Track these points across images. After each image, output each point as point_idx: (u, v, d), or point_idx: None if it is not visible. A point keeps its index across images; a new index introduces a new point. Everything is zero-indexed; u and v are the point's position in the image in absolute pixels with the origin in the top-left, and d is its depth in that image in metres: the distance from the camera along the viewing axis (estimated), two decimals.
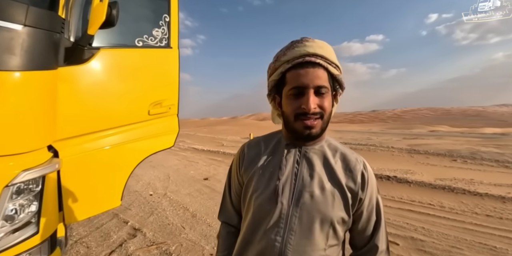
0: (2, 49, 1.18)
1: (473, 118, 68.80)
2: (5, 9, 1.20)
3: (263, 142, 0.94)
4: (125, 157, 1.81)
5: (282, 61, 0.79)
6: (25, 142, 1.28)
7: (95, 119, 1.65)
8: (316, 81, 0.74)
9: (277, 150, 0.88)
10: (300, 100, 0.75)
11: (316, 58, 0.75)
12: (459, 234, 3.12)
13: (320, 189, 0.78)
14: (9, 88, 1.21)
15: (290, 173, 0.81)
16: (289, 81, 0.77)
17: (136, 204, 4.12)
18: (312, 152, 0.84)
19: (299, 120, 0.76)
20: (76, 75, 1.57)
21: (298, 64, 0.76)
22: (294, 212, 0.76)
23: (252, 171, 0.87)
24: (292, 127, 0.79)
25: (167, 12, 2.05)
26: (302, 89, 0.75)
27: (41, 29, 1.32)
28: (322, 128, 0.78)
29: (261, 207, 0.80)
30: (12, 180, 1.21)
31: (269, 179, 0.82)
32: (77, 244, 2.82)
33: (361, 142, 11.77)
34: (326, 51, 0.78)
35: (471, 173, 5.98)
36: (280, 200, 0.78)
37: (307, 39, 0.80)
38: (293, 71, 0.76)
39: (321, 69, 0.76)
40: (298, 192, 0.78)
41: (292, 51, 0.77)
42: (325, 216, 0.76)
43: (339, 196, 0.78)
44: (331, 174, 0.81)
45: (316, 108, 0.74)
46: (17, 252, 1.25)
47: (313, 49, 0.76)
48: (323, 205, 0.76)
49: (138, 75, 1.87)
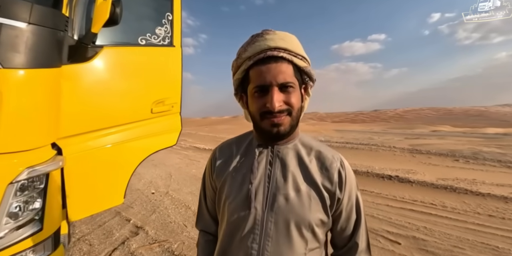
0: (7, 47, 1.19)
1: (475, 118, 68.55)
2: (10, 7, 1.20)
3: (235, 144, 0.89)
4: (128, 155, 1.82)
5: (243, 58, 0.74)
6: (29, 139, 1.29)
7: (98, 117, 1.66)
8: (279, 77, 0.69)
9: (249, 152, 0.83)
10: (264, 98, 0.70)
11: (278, 51, 0.70)
12: (461, 234, 3.12)
13: (295, 191, 0.73)
14: (13, 86, 1.22)
15: (262, 175, 0.76)
16: (253, 79, 0.72)
17: (138, 202, 4.15)
18: (285, 151, 0.79)
19: (266, 118, 0.71)
20: (80, 73, 1.57)
21: (260, 60, 0.70)
22: (269, 217, 0.72)
23: (224, 176, 0.82)
24: (260, 127, 0.74)
25: (170, 11, 2.05)
26: (266, 87, 0.70)
27: (45, 27, 1.32)
28: (291, 125, 0.74)
29: (235, 214, 0.75)
30: (16, 177, 1.21)
31: (241, 183, 0.77)
32: (80, 242, 2.84)
33: (362, 142, 11.76)
34: (290, 42, 0.73)
35: (473, 173, 5.96)
36: (254, 205, 0.73)
37: (268, 31, 0.74)
38: (256, 68, 0.71)
39: (285, 63, 0.71)
40: (272, 195, 0.73)
41: (252, 47, 0.72)
42: (302, 220, 0.71)
43: (316, 197, 0.73)
44: (306, 174, 0.76)
45: (282, 106, 0.70)
46: (21, 249, 1.26)
47: (274, 42, 0.70)
48: (299, 208, 0.71)
49: (141, 73, 1.88)
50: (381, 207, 4.02)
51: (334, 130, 24.49)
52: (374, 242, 2.97)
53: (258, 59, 0.70)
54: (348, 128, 31.55)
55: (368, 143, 11.36)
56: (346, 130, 24.57)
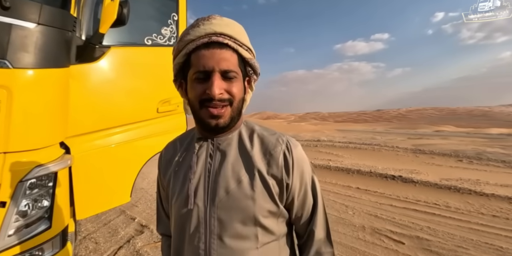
0: (16, 47, 1.21)
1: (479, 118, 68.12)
2: (19, 8, 1.22)
3: (179, 141, 0.84)
4: (134, 154, 1.84)
5: (185, 41, 0.68)
6: (38, 138, 1.31)
7: (105, 117, 1.68)
8: (222, 64, 0.64)
9: (190, 147, 0.78)
10: (204, 85, 0.65)
11: (224, 38, 0.65)
12: (465, 234, 3.11)
13: (236, 182, 0.68)
14: (23, 86, 1.24)
15: (202, 170, 0.72)
16: (194, 64, 0.66)
17: (142, 201, 4.17)
18: (226, 142, 0.74)
19: (205, 107, 0.66)
20: (87, 73, 1.59)
21: (203, 44, 0.65)
22: (212, 213, 0.67)
23: (168, 174, 0.78)
24: (199, 116, 0.69)
25: (175, 11, 2.07)
26: (207, 73, 0.64)
27: (54, 27, 1.34)
28: (231, 117, 0.68)
29: (179, 213, 0.71)
30: (25, 175, 1.24)
31: (183, 180, 0.73)
32: (85, 240, 2.87)
33: (365, 142, 11.72)
34: (236, 31, 0.68)
35: (477, 174, 5.93)
36: (195, 202, 0.68)
37: (215, 16, 0.69)
38: (198, 52, 0.65)
39: (230, 51, 0.66)
40: (212, 190, 0.69)
41: (196, 30, 0.66)
42: (246, 212, 0.66)
43: (261, 186, 0.68)
44: (248, 163, 0.70)
45: (223, 94, 0.65)
46: (30, 246, 1.28)
47: (220, 28, 0.66)
48: (242, 200, 0.66)
49: (147, 73, 1.90)
50: (384, 207, 4.01)
51: (337, 130, 24.45)
52: (378, 242, 2.97)
53: (202, 43, 0.65)
54: (351, 128, 31.49)
55: (371, 143, 11.31)
56: (348, 130, 24.52)
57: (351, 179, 5.49)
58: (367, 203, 4.16)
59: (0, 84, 1.17)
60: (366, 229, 3.27)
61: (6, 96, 1.18)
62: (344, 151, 9.03)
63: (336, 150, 9.23)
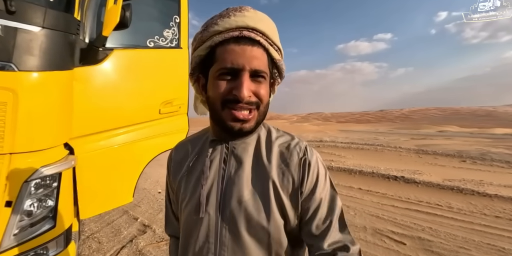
0: (22, 50, 1.24)
1: (483, 118, 67.58)
2: (25, 12, 1.25)
3: (190, 143, 0.78)
4: (137, 154, 1.87)
5: (212, 32, 0.60)
6: (43, 139, 1.33)
7: (108, 118, 1.71)
8: (254, 62, 0.57)
9: (203, 150, 0.72)
10: (231, 84, 0.58)
11: (256, 34, 0.59)
12: (467, 235, 3.11)
13: (250, 192, 0.62)
14: (28, 88, 1.26)
15: (216, 175, 0.66)
16: (219, 59, 0.59)
17: (145, 202, 4.20)
18: (242, 146, 0.67)
19: (228, 108, 0.59)
20: (91, 75, 1.62)
21: (232, 38, 0.58)
22: (223, 224, 0.62)
23: (179, 178, 0.73)
24: (219, 118, 0.62)
25: (177, 13, 2.10)
26: (236, 71, 0.58)
27: (58, 31, 1.37)
28: (257, 121, 0.63)
29: (189, 219, 0.66)
30: (30, 175, 1.26)
31: (195, 185, 0.67)
32: (89, 239, 2.90)
33: (368, 142, 11.69)
34: (270, 28, 0.62)
35: (481, 174, 5.90)
36: (206, 210, 0.63)
37: (248, 8, 0.62)
38: (226, 47, 0.59)
39: (261, 49, 0.60)
40: (224, 198, 0.63)
41: (226, 21, 0.59)
42: (259, 226, 0.60)
43: (275, 198, 0.62)
44: (264, 172, 0.64)
45: (251, 97, 0.59)
46: (34, 245, 1.30)
47: (253, 22, 0.59)
48: (255, 212, 0.61)
49: (150, 75, 1.92)
50: (386, 207, 4.01)
51: (339, 130, 24.39)
52: (379, 242, 2.97)
53: (231, 36, 0.58)
54: (354, 128, 31.38)
55: (374, 143, 11.29)
56: (351, 130, 24.45)
57: (353, 179, 5.49)
58: (369, 204, 4.16)
59: (6, 86, 1.19)
60: (368, 229, 3.28)
61: (12, 98, 1.20)
62: (346, 152, 9.03)
63: (338, 151, 9.23)
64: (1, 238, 1.20)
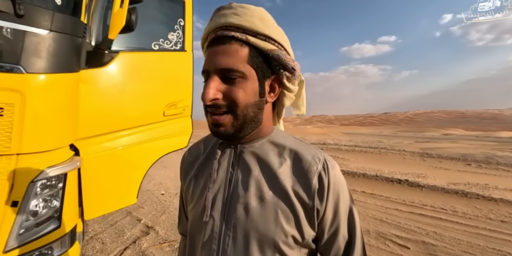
0: (30, 53, 1.26)
1: (489, 121, 66.90)
2: (33, 16, 1.27)
3: (203, 144, 0.76)
4: (141, 156, 1.89)
5: (203, 39, 0.61)
6: (49, 140, 1.35)
7: (113, 120, 1.73)
8: (220, 61, 0.54)
9: (213, 152, 0.70)
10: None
11: (230, 30, 0.55)
12: (472, 240, 3.07)
13: (258, 200, 0.58)
14: (36, 90, 1.28)
15: (223, 179, 0.63)
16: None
17: (148, 203, 4.21)
18: (249, 151, 0.64)
19: (207, 113, 0.58)
20: (97, 78, 1.64)
21: (212, 40, 0.58)
22: (227, 231, 0.58)
23: (189, 179, 0.72)
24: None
25: (181, 17, 2.12)
26: (208, 75, 0.56)
27: (65, 34, 1.39)
28: (234, 126, 0.57)
29: (194, 223, 0.65)
30: (36, 176, 1.28)
31: (202, 187, 0.65)
32: (92, 240, 2.92)
33: (371, 145, 11.63)
34: (248, 18, 0.56)
35: (486, 178, 5.83)
36: (211, 214, 0.60)
37: (229, 5, 0.59)
38: (208, 50, 0.59)
39: (236, 44, 0.55)
40: (230, 203, 0.60)
41: (209, 24, 0.59)
42: (265, 237, 0.56)
43: (286, 209, 0.57)
44: (275, 180, 0.59)
45: (218, 100, 0.55)
46: (40, 245, 1.32)
47: (225, 19, 0.56)
48: (262, 222, 0.57)
49: (155, 77, 1.95)
50: (390, 211, 3.98)
51: (343, 133, 24.31)
52: (383, 246, 2.95)
53: (210, 39, 0.58)
54: (357, 131, 31.25)
55: (377, 146, 11.23)
56: (355, 133, 24.35)
57: (356, 182, 5.46)
58: (372, 207, 4.13)
59: (14, 88, 1.22)
60: (371, 233, 3.25)
61: (20, 99, 1.22)
62: (350, 155, 8.99)
63: (342, 154, 9.19)
64: (7, 237, 1.22)
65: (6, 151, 1.21)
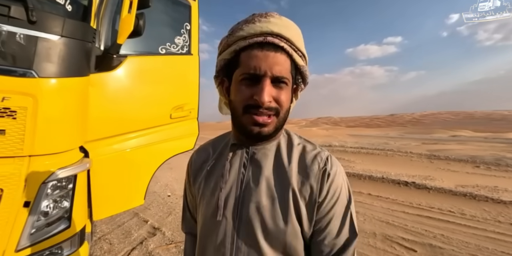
0: (42, 58, 1.30)
1: (499, 122, 65.77)
2: (45, 22, 1.31)
3: (211, 146, 0.80)
4: (148, 158, 1.92)
5: (237, 37, 0.62)
6: (60, 143, 1.39)
7: (122, 122, 1.76)
8: (276, 68, 0.58)
9: (223, 153, 0.74)
10: (253, 89, 0.59)
11: (280, 40, 0.60)
12: (480, 243, 3.03)
13: (269, 199, 0.63)
14: (47, 94, 1.32)
15: (235, 180, 0.67)
16: (243, 64, 0.61)
17: (155, 204, 4.26)
18: (262, 152, 0.68)
19: (248, 113, 0.61)
20: (106, 81, 1.68)
21: (257, 43, 0.60)
22: (240, 229, 0.62)
23: (199, 180, 0.74)
24: (240, 122, 0.63)
25: (188, 21, 2.16)
26: (258, 76, 0.59)
27: (76, 39, 1.43)
28: (276, 127, 0.64)
29: (206, 223, 0.68)
30: (48, 177, 1.31)
31: (213, 188, 0.69)
32: (100, 241, 2.97)
33: (378, 147, 11.54)
34: (294, 33, 0.63)
35: (495, 180, 5.74)
36: (224, 213, 0.64)
37: (273, 14, 0.64)
38: (250, 52, 0.60)
39: (284, 55, 0.61)
40: (242, 203, 0.64)
41: (251, 26, 0.61)
42: (276, 232, 0.60)
43: (293, 206, 0.62)
44: (284, 178, 0.64)
45: (271, 102, 0.60)
46: (50, 244, 1.35)
47: (278, 28, 0.60)
48: (273, 219, 0.61)
49: (162, 80, 1.98)
50: (396, 213, 3.95)
51: (349, 134, 24.15)
52: (389, 249, 2.93)
53: (255, 42, 0.60)
54: (363, 132, 31.01)
55: (384, 148, 11.13)
56: (360, 135, 24.18)
57: (362, 185, 5.43)
58: (378, 210, 4.10)
59: (27, 92, 1.25)
60: (377, 235, 3.23)
61: (32, 103, 1.26)
62: (355, 157, 8.94)
63: (347, 156, 9.14)
64: (19, 237, 1.25)
65: (19, 153, 1.24)
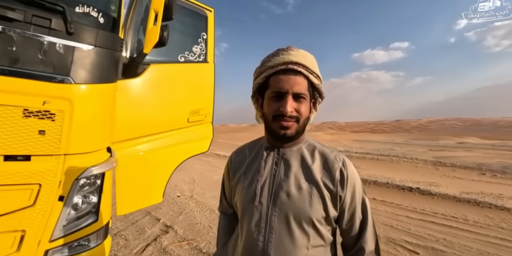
0: (78, 66, 1.44)
1: (507, 129, 64.72)
2: (81, 33, 1.45)
3: (248, 148, 1.02)
4: (167, 158, 2.06)
5: (267, 66, 0.85)
6: (92, 143, 1.52)
7: (144, 125, 1.90)
8: (295, 87, 0.80)
9: (258, 154, 0.94)
10: (279, 103, 0.80)
11: (298, 66, 0.81)
12: (482, 247, 3.09)
13: (297, 189, 0.82)
14: (82, 98, 1.45)
15: (268, 174, 0.87)
16: (272, 85, 0.83)
17: (165, 204, 4.40)
18: (290, 153, 0.89)
19: (277, 120, 0.82)
20: (130, 87, 1.82)
21: (281, 70, 0.82)
22: (273, 212, 0.81)
23: (238, 175, 0.95)
24: (270, 127, 0.85)
25: (205, 31, 2.30)
26: (282, 94, 0.80)
27: (107, 48, 1.57)
28: (297, 130, 0.83)
29: (244, 209, 0.87)
30: (80, 174, 1.44)
31: (250, 182, 0.89)
32: (116, 237, 3.11)
33: (383, 153, 11.53)
34: (309, 61, 0.84)
35: (501, 188, 5.74)
36: (260, 200, 0.84)
37: (292, 48, 0.86)
38: (276, 76, 0.82)
39: (302, 77, 0.82)
40: (275, 192, 0.83)
41: (277, 58, 0.84)
42: (303, 215, 0.79)
43: (317, 195, 0.81)
44: (308, 174, 0.84)
45: (293, 112, 0.80)
46: (79, 236, 1.47)
47: (296, 58, 0.82)
48: (300, 204, 0.80)
49: (180, 86, 2.13)
50: (400, 218, 4.02)
51: (354, 140, 24.08)
52: (392, 251, 3.01)
53: (280, 69, 0.82)
54: (368, 138, 30.83)
55: (389, 154, 11.12)
56: (366, 140, 24.06)
57: (367, 189, 5.44)
58: (382, 214, 4.17)
59: (65, 96, 1.38)
60: (381, 238, 3.31)
61: (69, 107, 1.39)
62: (360, 162, 8.97)
63: (352, 161, 8.94)
64: (53, 228, 1.37)
65: (56, 151, 1.37)
